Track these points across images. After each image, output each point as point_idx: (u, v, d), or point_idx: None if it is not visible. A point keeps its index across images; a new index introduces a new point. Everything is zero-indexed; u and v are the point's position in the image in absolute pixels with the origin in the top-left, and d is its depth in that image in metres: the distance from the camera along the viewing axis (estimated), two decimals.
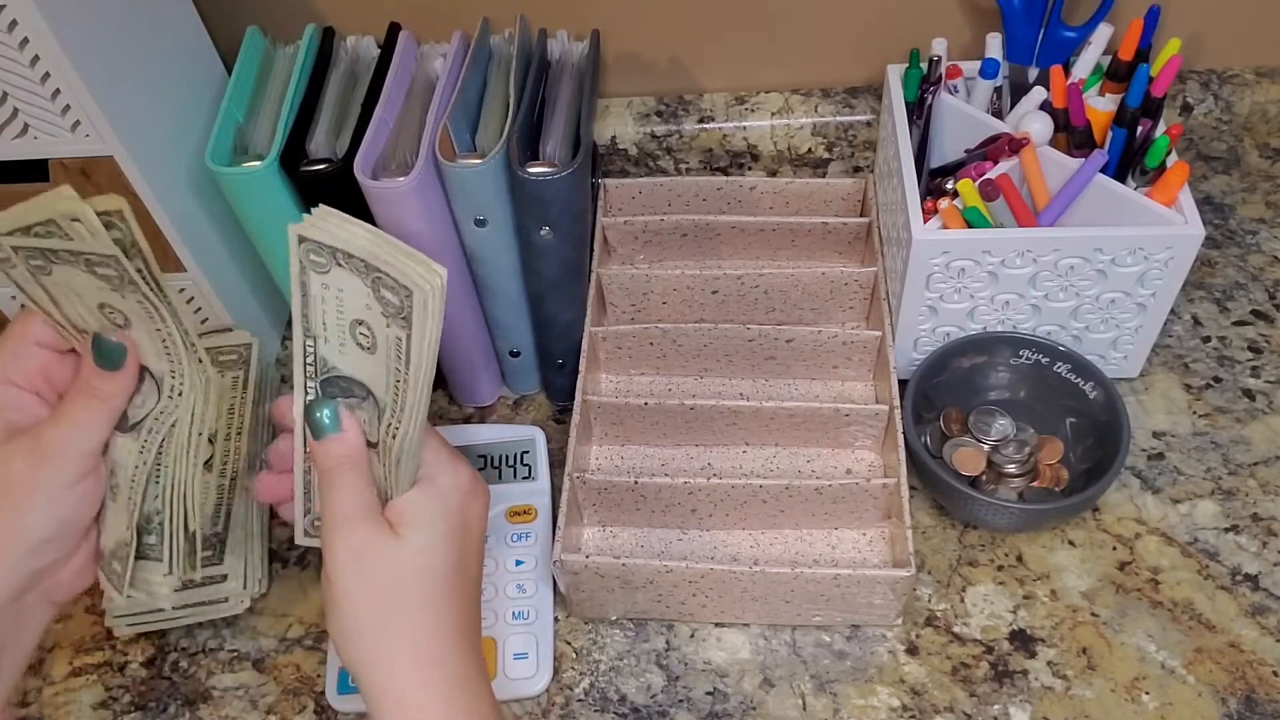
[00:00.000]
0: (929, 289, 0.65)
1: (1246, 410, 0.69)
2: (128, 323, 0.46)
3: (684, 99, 0.83)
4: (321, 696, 0.61)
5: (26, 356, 0.47)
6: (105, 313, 0.45)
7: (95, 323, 0.46)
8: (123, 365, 0.46)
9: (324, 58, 0.65)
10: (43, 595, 0.48)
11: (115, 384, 0.46)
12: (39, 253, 0.43)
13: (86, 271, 0.43)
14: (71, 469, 0.46)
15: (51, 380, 0.47)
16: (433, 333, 0.41)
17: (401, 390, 0.43)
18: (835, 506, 0.63)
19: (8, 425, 0.46)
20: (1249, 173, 0.82)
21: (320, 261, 0.43)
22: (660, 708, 0.59)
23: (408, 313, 0.41)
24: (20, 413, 0.46)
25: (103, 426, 0.46)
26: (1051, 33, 0.69)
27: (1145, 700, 0.58)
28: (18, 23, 0.51)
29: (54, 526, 0.46)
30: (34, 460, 0.45)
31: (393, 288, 0.40)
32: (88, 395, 0.46)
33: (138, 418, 0.48)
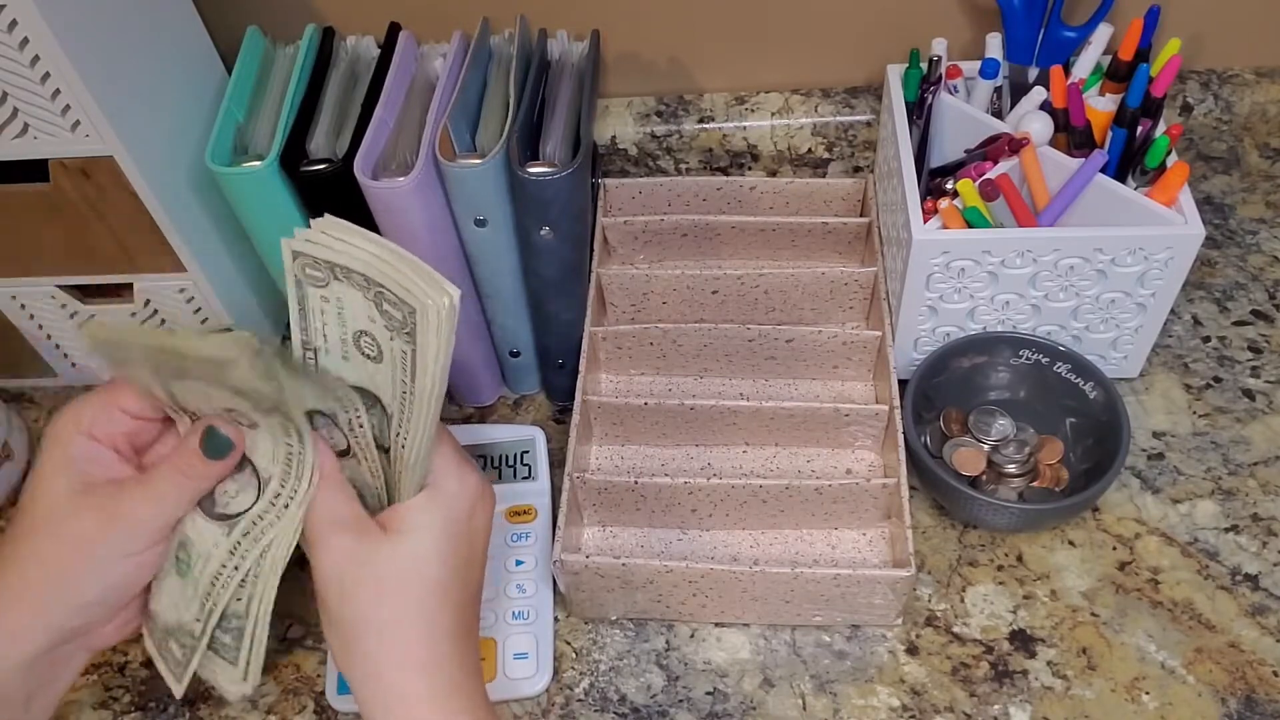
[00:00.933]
0: (929, 289, 0.65)
1: (1246, 410, 0.69)
2: (254, 425, 0.45)
3: (684, 99, 0.83)
4: (321, 696, 0.61)
5: (110, 419, 0.46)
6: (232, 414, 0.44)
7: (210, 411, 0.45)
8: (227, 457, 0.45)
9: (324, 58, 0.65)
10: (81, 645, 0.48)
11: (213, 469, 0.45)
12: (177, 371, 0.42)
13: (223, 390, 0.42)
14: (140, 539, 0.45)
15: (134, 441, 0.47)
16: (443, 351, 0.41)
17: (408, 404, 0.43)
18: (835, 506, 0.63)
19: (84, 478, 0.45)
20: (1249, 173, 0.82)
21: (318, 275, 0.42)
22: (660, 708, 0.59)
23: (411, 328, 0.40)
24: (97, 467, 0.46)
25: (184, 506, 0.46)
26: (1051, 33, 0.69)
27: (1145, 700, 0.58)
28: (18, 23, 0.51)
29: (104, 590, 0.46)
30: (106, 522, 0.45)
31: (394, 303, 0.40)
32: (179, 474, 0.45)
33: (227, 510, 0.46)
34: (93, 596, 0.46)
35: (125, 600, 0.48)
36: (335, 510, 0.45)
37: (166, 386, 0.44)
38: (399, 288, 0.40)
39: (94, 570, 0.45)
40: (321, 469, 0.45)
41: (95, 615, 0.47)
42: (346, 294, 0.42)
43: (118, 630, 0.49)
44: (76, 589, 0.45)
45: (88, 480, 0.45)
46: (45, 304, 0.70)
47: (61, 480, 0.45)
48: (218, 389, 0.42)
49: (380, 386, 0.44)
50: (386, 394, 0.44)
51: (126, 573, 0.46)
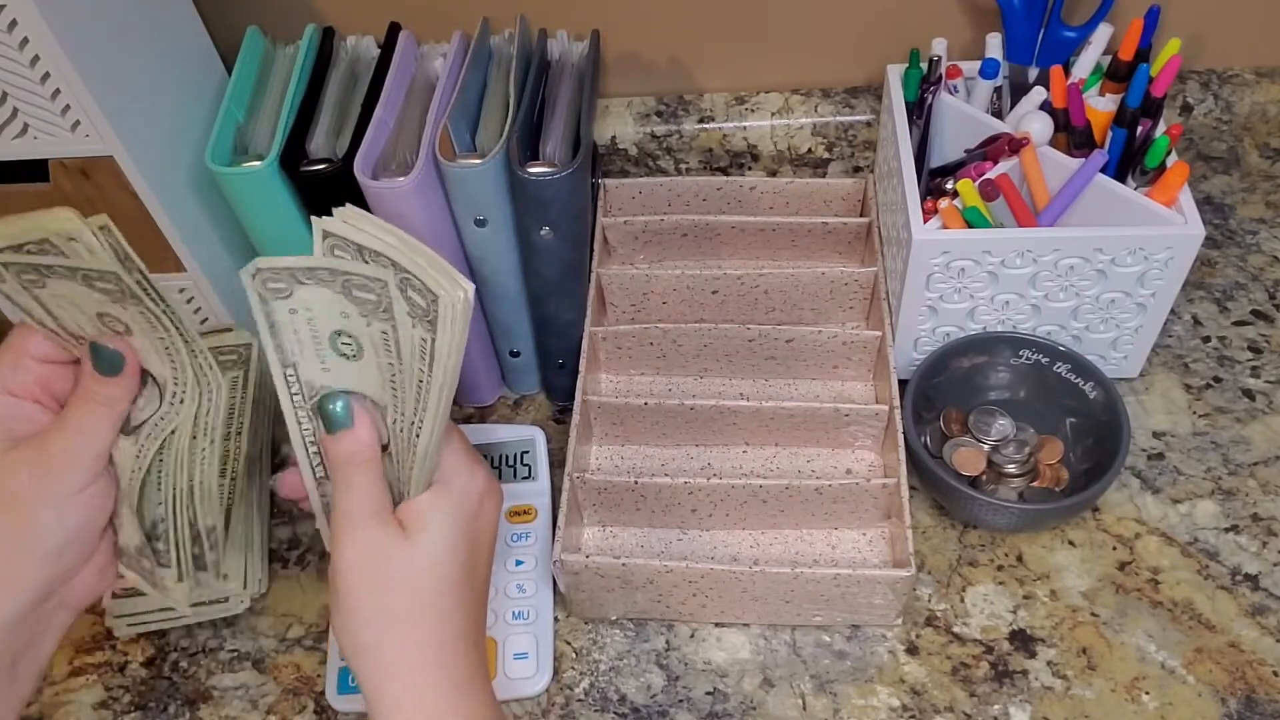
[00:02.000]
0: (929, 289, 0.65)
1: (1246, 410, 0.69)
2: (128, 330, 0.45)
3: (684, 99, 0.83)
4: (321, 696, 0.61)
5: (24, 369, 0.46)
6: (105, 321, 0.45)
7: (94, 330, 0.45)
8: (122, 371, 0.45)
9: (324, 58, 0.65)
10: (61, 601, 0.48)
11: (116, 388, 0.45)
12: (32, 268, 0.43)
13: (84, 285, 0.43)
14: (78, 476, 0.46)
15: (51, 390, 0.47)
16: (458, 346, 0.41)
17: (423, 392, 0.43)
18: (835, 506, 0.63)
19: (9, 434, 0.45)
20: (1249, 173, 0.82)
21: (280, 287, 0.42)
22: (660, 708, 0.59)
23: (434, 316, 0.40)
24: (21, 422, 0.46)
25: (106, 432, 0.46)
26: (1051, 33, 0.69)
27: (1145, 700, 0.58)
28: (18, 23, 0.51)
29: (65, 534, 0.46)
30: (40, 469, 0.45)
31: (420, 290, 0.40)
32: (89, 401, 0.45)
33: (139, 420, 0.48)
34: (53, 545, 0.46)
35: (89, 542, 0.48)
36: (371, 501, 0.45)
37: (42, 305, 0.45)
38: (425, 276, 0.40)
39: (45, 520, 0.45)
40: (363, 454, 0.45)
41: (66, 562, 0.47)
42: (314, 296, 0.42)
43: (93, 580, 0.49)
44: (35, 543, 0.45)
45: (12, 437, 0.45)
46: None
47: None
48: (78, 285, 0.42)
49: (364, 383, 0.44)
50: (373, 388, 0.44)
51: (77, 513, 0.46)
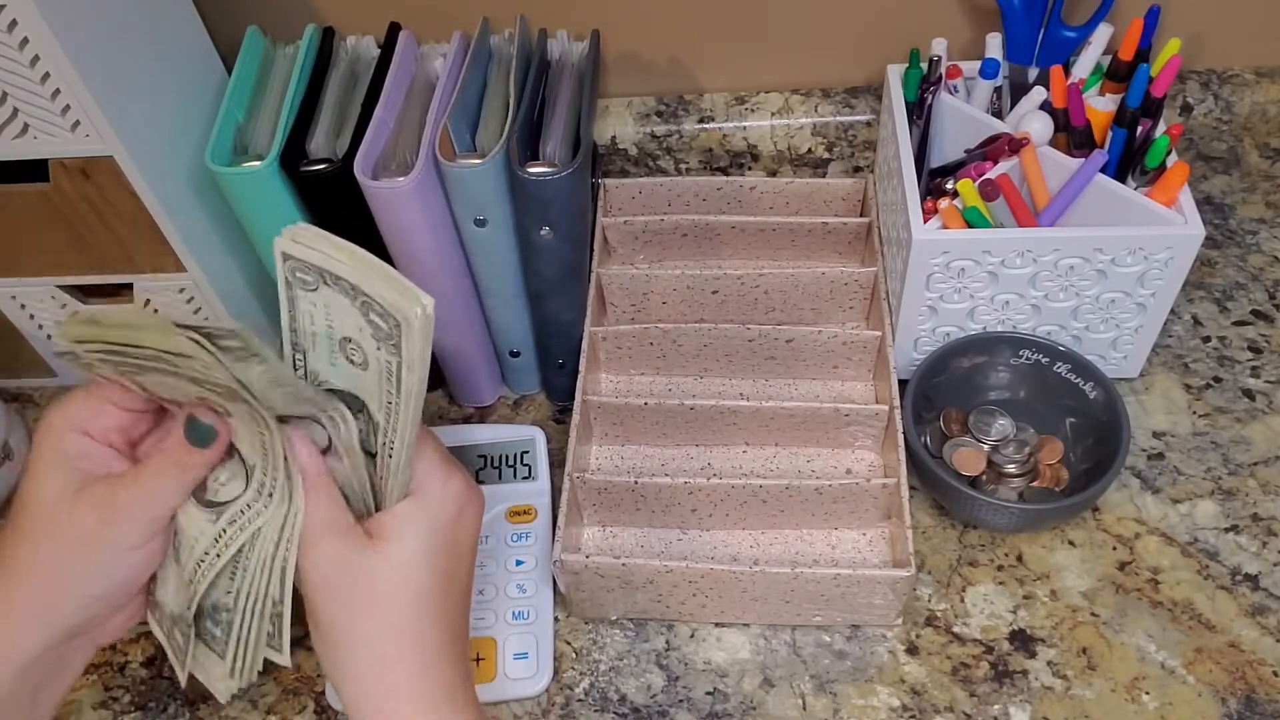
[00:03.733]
0: (929, 289, 0.65)
1: (1246, 410, 0.69)
2: (228, 413, 0.44)
3: (684, 99, 0.83)
4: (321, 696, 0.61)
5: (101, 413, 0.46)
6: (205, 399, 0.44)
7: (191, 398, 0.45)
8: (213, 445, 0.44)
9: (324, 58, 0.65)
10: (87, 639, 0.48)
11: (201, 458, 0.45)
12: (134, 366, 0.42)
13: (189, 383, 0.42)
14: (140, 532, 0.45)
15: (128, 436, 0.47)
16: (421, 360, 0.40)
17: (393, 412, 0.43)
18: (835, 506, 0.63)
19: (81, 475, 0.45)
20: (1249, 173, 0.82)
21: (308, 280, 0.42)
22: (660, 708, 0.59)
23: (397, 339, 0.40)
24: (93, 463, 0.45)
25: (180, 497, 0.46)
26: (1051, 33, 0.69)
27: (1145, 700, 0.58)
28: (18, 23, 0.51)
29: (111, 583, 0.46)
30: (105, 518, 0.44)
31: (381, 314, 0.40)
32: (170, 465, 0.45)
33: (216, 497, 0.46)
34: (96, 592, 0.46)
35: (130, 593, 0.47)
36: (321, 513, 0.44)
37: (135, 380, 0.44)
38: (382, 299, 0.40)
39: (96, 567, 0.45)
40: (306, 471, 0.45)
41: (100, 609, 0.47)
42: (335, 301, 0.42)
43: (123, 623, 0.49)
44: (79, 586, 0.45)
45: (82, 478, 0.45)
46: (45, 304, 0.70)
47: (57, 479, 0.45)
48: (181, 380, 0.42)
49: (366, 393, 0.44)
50: (373, 402, 0.44)
51: (129, 566, 0.46)
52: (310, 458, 0.45)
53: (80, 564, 0.45)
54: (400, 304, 0.39)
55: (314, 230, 0.42)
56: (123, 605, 0.48)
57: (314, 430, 0.45)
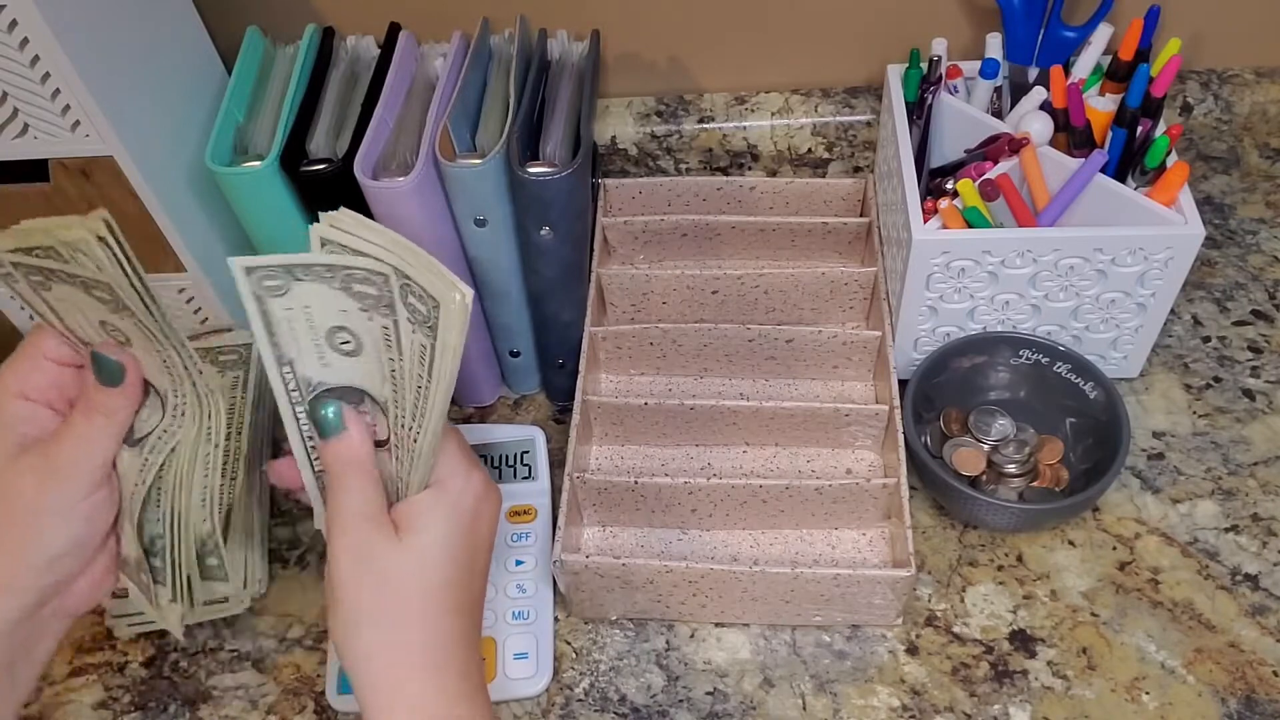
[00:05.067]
0: (929, 289, 0.65)
1: (1246, 410, 0.69)
2: (129, 341, 0.45)
3: (684, 99, 0.83)
4: (321, 696, 0.61)
5: (39, 371, 0.46)
6: (107, 330, 0.45)
7: (98, 339, 0.46)
8: (123, 381, 0.45)
9: (324, 58, 0.65)
10: (58, 608, 0.48)
11: (118, 399, 0.45)
12: (38, 270, 0.43)
13: (83, 292, 0.43)
14: (81, 486, 0.46)
15: (65, 394, 0.47)
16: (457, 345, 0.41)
17: (423, 397, 0.43)
18: (835, 506, 0.63)
19: (20, 439, 0.46)
20: (1249, 173, 0.82)
21: (277, 285, 0.42)
22: (660, 708, 0.59)
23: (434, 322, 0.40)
24: (33, 426, 0.46)
25: (109, 442, 0.46)
26: (1051, 33, 0.69)
27: (1145, 700, 0.58)
28: (18, 23, 0.51)
29: (66, 543, 0.46)
30: (43, 478, 0.45)
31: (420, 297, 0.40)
32: (92, 411, 0.45)
33: (143, 432, 0.47)
34: (54, 552, 0.46)
35: (89, 550, 0.48)
36: (365, 504, 0.45)
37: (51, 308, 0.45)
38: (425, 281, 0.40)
39: (47, 527, 0.45)
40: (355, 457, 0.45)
41: (64, 569, 0.47)
42: (312, 292, 0.42)
43: (90, 588, 0.49)
44: (36, 550, 0.45)
45: (26, 441, 0.46)
46: None
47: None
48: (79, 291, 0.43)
49: (365, 379, 0.44)
50: (375, 384, 0.44)
51: (79, 521, 0.46)
52: (362, 445, 0.45)
53: (30, 529, 0.45)
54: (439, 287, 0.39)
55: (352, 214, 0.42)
56: (87, 562, 0.48)
57: (379, 420, 0.46)
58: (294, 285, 0.42)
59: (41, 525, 0.45)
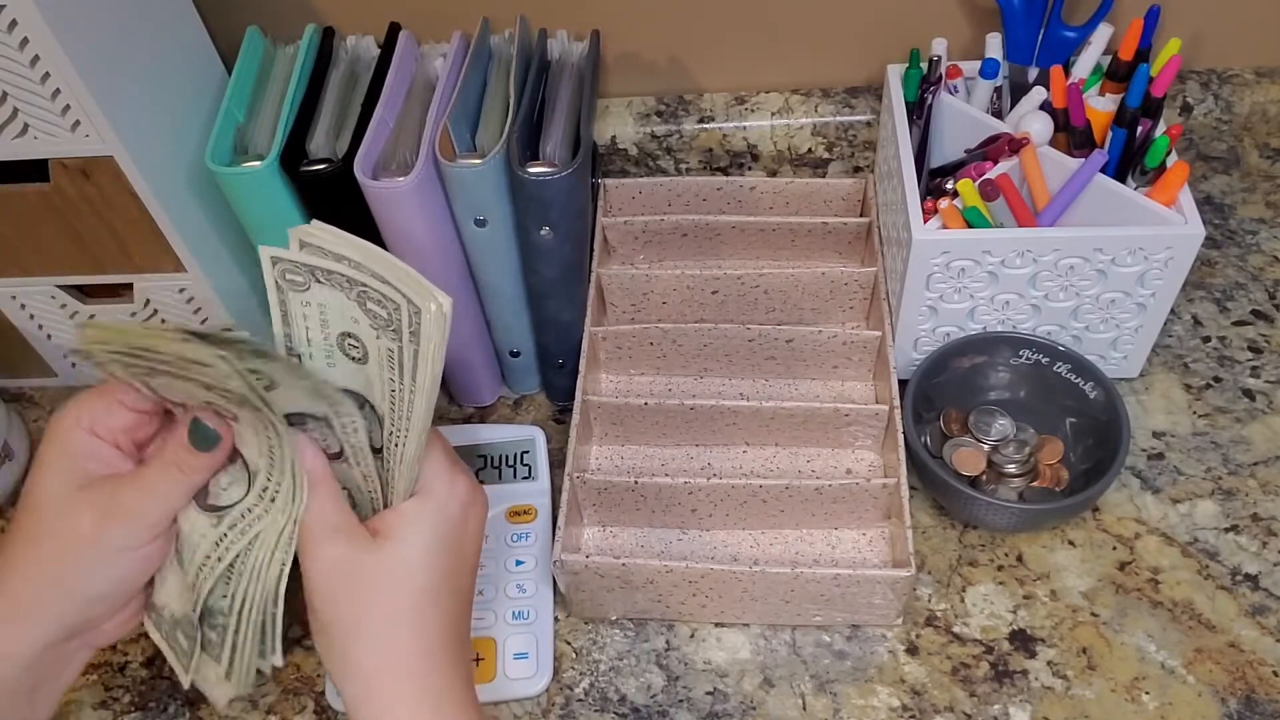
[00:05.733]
0: (929, 289, 0.65)
1: (1246, 410, 0.69)
2: (236, 418, 0.44)
3: (684, 99, 0.83)
4: (321, 696, 0.61)
5: (111, 414, 0.46)
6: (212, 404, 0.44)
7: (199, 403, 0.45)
8: (216, 450, 0.44)
9: (324, 58, 0.65)
10: (85, 641, 0.48)
11: (204, 461, 0.45)
12: (146, 369, 0.42)
13: (199, 388, 0.42)
14: (139, 534, 0.45)
15: (134, 436, 0.47)
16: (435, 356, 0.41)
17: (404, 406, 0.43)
18: (835, 506, 0.63)
19: (85, 474, 0.45)
20: (1249, 173, 0.82)
21: (298, 280, 0.42)
22: (660, 708, 0.59)
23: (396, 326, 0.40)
24: (98, 463, 0.45)
25: (180, 499, 0.45)
26: (1051, 33, 0.69)
27: (1145, 700, 0.58)
28: (18, 23, 0.51)
29: (109, 585, 0.46)
30: (104, 518, 0.44)
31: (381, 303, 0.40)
32: (172, 467, 0.44)
33: (218, 501, 0.46)
34: (95, 592, 0.46)
35: (129, 595, 0.47)
36: (326, 516, 0.45)
37: (145, 383, 0.44)
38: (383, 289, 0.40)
39: (95, 567, 0.45)
40: (312, 474, 0.45)
41: (99, 610, 0.46)
42: (328, 296, 0.42)
43: (121, 625, 0.49)
44: (78, 586, 0.45)
45: (86, 477, 0.45)
46: (45, 304, 0.70)
47: (60, 477, 0.45)
48: (193, 385, 0.42)
49: (368, 388, 0.44)
50: (376, 394, 0.44)
51: (128, 567, 0.46)
52: (315, 459, 0.45)
53: (78, 564, 0.44)
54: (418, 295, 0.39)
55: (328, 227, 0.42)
56: (121, 607, 0.48)
57: (327, 436, 0.45)
58: (314, 286, 0.42)
59: (91, 564, 0.45)
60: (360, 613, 0.44)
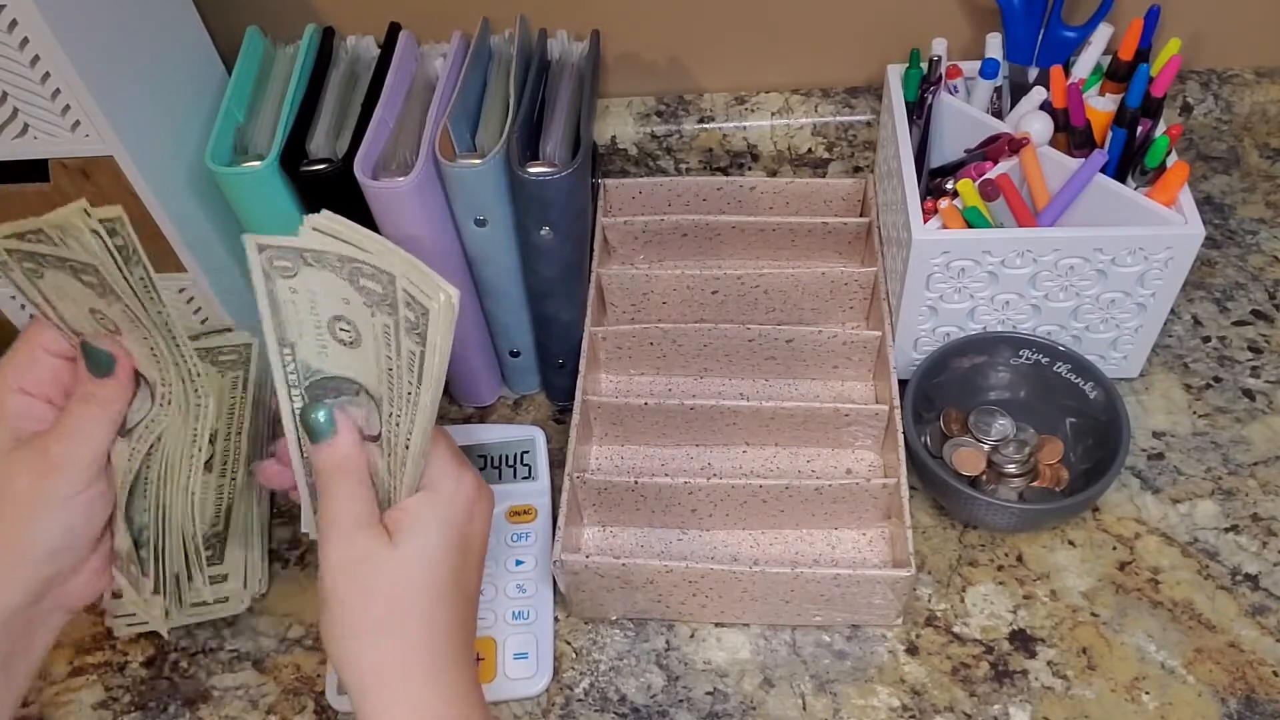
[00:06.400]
0: (929, 289, 0.65)
1: (1246, 410, 0.69)
2: (118, 329, 0.45)
3: (684, 99, 0.83)
4: (321, 696, 0.61)
5: (37, 364, 0.47)
6: (96, 318, 0.45)
7: (89, 328, 0.46)
8: (113, 371, 0.45)
9: (324, 58, 0.65)
10: (55, 602, 0.48)
11: (110, 390, 0.46)
12: (30, 256, 0.43)
13: (72, 277, 0.43)
14: (76, 479, 0.46)
15: (63, 388, 0.47)
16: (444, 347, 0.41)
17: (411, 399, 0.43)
18: (835, 506, 0.63)
19: (17, 433, 0.46)
20: (1249, 173, 0.82)
21: (286, 265, 0.42)
22: (660, 708, 0.59)
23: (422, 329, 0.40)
24: (32, 420, 0.46)
25: (104, 434, 0.46)
26: (1051, 33, 0.69)
27: (1145, 700, 0.58)
28: (18, 23, 0.51)
29: (62, 536, 0.46)
30: (39, 472, 0.45)
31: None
32: (85, 402, 0.45)
33: (133, 422, 0.47)
34: (48, 548, 0.46)
35: (85, 545, 0.48)
36: (356, 509, 0.45)
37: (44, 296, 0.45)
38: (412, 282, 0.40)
39: (40, 523, 0.45)
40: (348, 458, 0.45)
41: (59, 566, 0.47)
42: (318, 279, 0.42)
43: (87, 583, 0.49)
44: (29, 546, 0.45)
45: (19, 435, 0.46)
46: None
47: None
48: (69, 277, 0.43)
49: (362, 372, 0.44)
50: (370, 378, 0.44)
51: (73, 515, 0.46)
52: (352, 449, 0.45)
53: (25, 523, 0.45)
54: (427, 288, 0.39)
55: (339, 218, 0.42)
56: (83, 557, 0.48)
57: (371, 415, 0.45)
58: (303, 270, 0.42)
59: (37, 519, 0.45)
60: (369, 608, 0.44)
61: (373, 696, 0.43)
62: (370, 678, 0.43)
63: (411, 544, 0.45)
